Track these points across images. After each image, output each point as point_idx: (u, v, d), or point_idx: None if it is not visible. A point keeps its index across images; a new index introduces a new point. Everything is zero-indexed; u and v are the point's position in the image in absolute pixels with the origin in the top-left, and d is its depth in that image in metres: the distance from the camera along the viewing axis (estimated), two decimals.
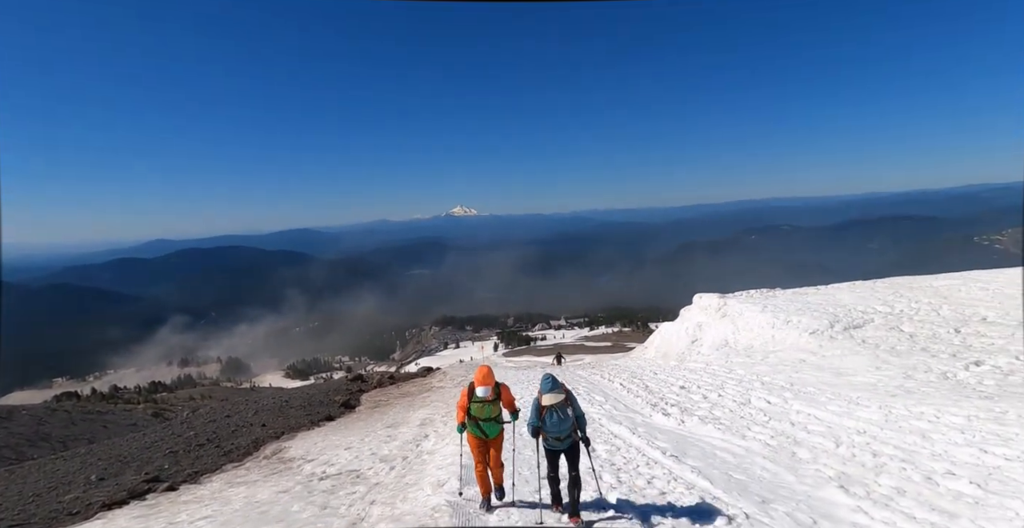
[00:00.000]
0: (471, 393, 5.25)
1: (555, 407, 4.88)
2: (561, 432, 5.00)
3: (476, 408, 5.24)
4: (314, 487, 8.05)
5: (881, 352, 11.87)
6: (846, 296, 17.83)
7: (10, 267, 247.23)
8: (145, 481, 10.18)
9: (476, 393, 5.15)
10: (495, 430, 5.35)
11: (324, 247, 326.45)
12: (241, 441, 13.17)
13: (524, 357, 60.73)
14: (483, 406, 5.23)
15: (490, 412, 5.27)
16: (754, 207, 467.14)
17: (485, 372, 5.23)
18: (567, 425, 4.97)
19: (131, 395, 51.79)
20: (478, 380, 5.16)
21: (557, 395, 4.84)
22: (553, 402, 4.83)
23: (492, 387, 5.22)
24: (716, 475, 6.18)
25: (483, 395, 5.14)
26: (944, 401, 7.95)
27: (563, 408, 4.94)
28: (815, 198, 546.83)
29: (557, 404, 4.88)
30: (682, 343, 20.32)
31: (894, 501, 5.08)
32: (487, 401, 5.22)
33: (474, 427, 5.32)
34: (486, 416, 5.27)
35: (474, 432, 5.34)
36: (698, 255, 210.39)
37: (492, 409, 5.27)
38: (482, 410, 5.25)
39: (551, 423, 4.94)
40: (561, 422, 4.94)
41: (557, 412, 4.93)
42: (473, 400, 5.24)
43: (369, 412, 16.05)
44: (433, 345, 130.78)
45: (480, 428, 5.31)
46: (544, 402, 4.89)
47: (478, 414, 5.28)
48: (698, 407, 10.03)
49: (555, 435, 5.01)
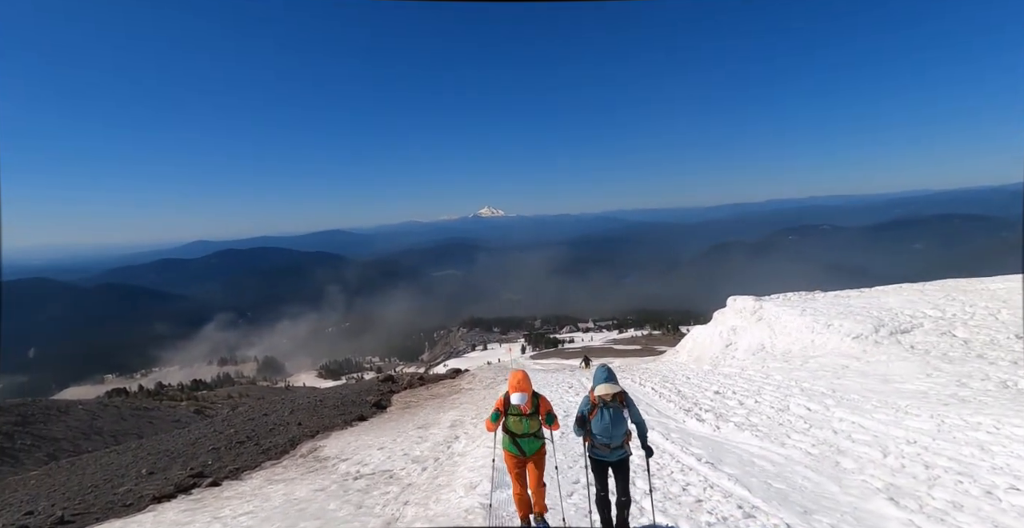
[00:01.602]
0: (506, 404, 4.64)
1: (608, 404, 4.28)
2: (612, 438, 4.34)
3: (513, 422, 4.66)
4: (349, 486, 8.20)
5: (932, 358, 11.30)
6: (892, 299, 17.05)
7: (61, 267, 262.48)
8: (191, 476, 10.60)
9: (512, 402, 4.51)
10: (535, 446, 4.71)
11: (356, 248, 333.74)
12: (278, 439, 13.56)
13: (551, 360, 60.48)
14: (520, 420, 4.63)
15: (528, 427, 4.66)
16: (792, 206, 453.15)
17: (520, 377, 4.60)
18: (620, 431, 4.34)
19: (175, 392, 54.03)
20: (512, 386, 4.54)
21: (612, 386, 4.22)
22: (607, 392, 4.19)
23: (530, 395, 4.58)
24: (755, 483, 5.99)
25: (519, 402, 4.48)
26: (1004, 411, 7.50)
27: (618, 409, 4.32)
28: (857, 196, 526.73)
29: (611, 401, 4.27)
30: (716, 347, 19.83)
31: (950, 516, 4.82)
32: (524, 414, 4.60)
33: (510, 444, 4.73)
34: (524, 431, 4.66)
35: (510, 449, 4.74)
36: (732, 256, 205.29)
37: (531, 424, 4.66)
38: (519, 424, 4.65)
39: (600, 424, 4.31)
40: (613, 425, 4.31)
41: (610, 411, 4.31)
42: (510, 412, 4.64)
43: (400, 413, 16.26)
44: (461, 347, 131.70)
45: (517, 445, 4.71)
46: (597, 392, 4.26)
47: (515, 429, 4.68)
48: (734, 413, 9.77)
49: (603, 440, 4.35)
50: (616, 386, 4.24)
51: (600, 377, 4.32)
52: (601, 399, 4.27)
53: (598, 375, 4.35)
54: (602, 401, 4.28)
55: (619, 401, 4.30)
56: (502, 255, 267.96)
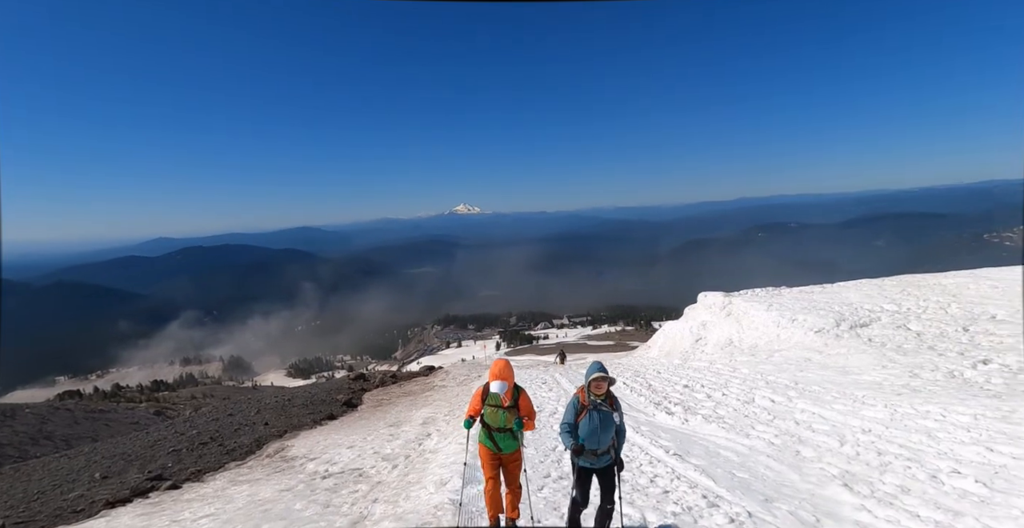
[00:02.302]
0: (485, 394, 4.50)
1: (599, 408, 4.03)
2: (600, 443, 4.07)
3: (490, 413, 4.47)
4: (317, 485, 8.04)
5: (888, 351, 11.78)
6: (853, 294, 17.71)
7: (12, 265, 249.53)
8: (148, 479, 10.21)
9: (491, 391, 4.38)
10: (511, 446, 4.49)
11: (328, 245, 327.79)
12: (244, 440, 13.20)
13: (526, 356, 60.71)
14: (497, 411, 4.44)
15: (505, 421, 4.45)
16: (761, 204, 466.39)
17: (503, 365, 4.51)
18: (608, 435, 4.08)
19: (133, 394, 52.04)
20: (494, 374, 4.43)
21: (605, 375, 4.07)
22: (599, 374, 4.02)
23: (511, 387, 4.45)
24: (719, 474, 6.14)
25: (498, 391, 4.34)
26: (951, 400, 7.87)
27: (608, 412, 4.07)
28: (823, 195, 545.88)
29: (601, 403, 4.04)
30: (686, 342, 20.24)
31: (898, 499, 5.04)
32: (503, 407, 4.42)
33: (486, 437, 4.52)
34: (500, 424, 4.46)
35: (486, 443, 4.52)
36: (704, 253, 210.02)
37: (507, 418, 4.44)
38: (496, 416, 4.45)
39: (589, 428, 4.05)
40: (601, 430, 4.04)
41: (600, 414, 4.04)
42: (488, 402, 4.48)
43: (371, 411, 16.05)
44: (435, 344, 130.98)
45: (493, 439, 4.49)
46: (591, 377, 4.06)
47: (492, 421, 4.49)
48: (702, 406, 9.98)
49: (591, 446, 4.08)
50: (607, 374, 4.12)
51: (593, 369, 4.20)
52: (592, 400, 4.06)
53: (591, 369, 4.22)
54: (592, 403, 4.05)
55: (610, 404, 4.10)
56: (478, 252, 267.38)
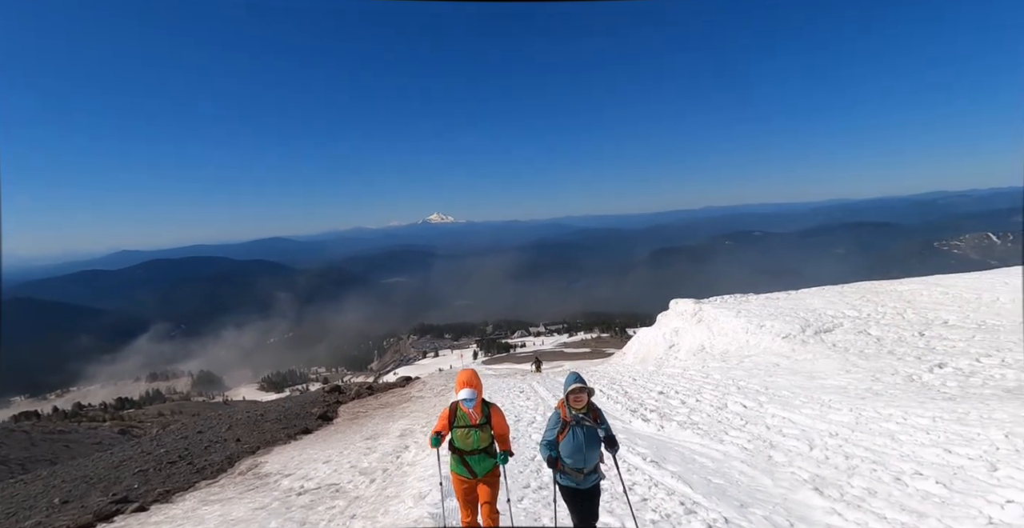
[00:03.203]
0: (453, 415, 4.07)
1: (581, 423, 3.70)
2: (586, 462, 3.71)
3: (460, 435, 4.03)
4: (292, 502, 7.87)
5: (851, 355, 12.25)
6: (816, 301, 18.37)
7: None
8: (113, 502, 9.79)
9: (460, 396, 4.00)
10: (486, 465, 4.06)
11: (299, 256, 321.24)
12: (215, 457, 12.80)
13: (504, 365, 60.56)
14: (468, 432, 4.01)
15: (478, 441, 4.01)
16: (728, 213, 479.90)
17: (469, 374, 4.18)
18: (594, 452, 3.73)
19: (96, 412, 49.70)
20: (461, 382, 4.07)
21: (583, 385, 3.75)
22: (577, 385, 3.70)
23: (479, 397, 4.10)
24: (696, 480, 6.28)
25: (468, 397, 3.98)
26: (910, 403, 8.25)
27: (592, 428, 3.72)
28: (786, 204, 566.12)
29: (584, 417, 3.72)
30: (660, 348, 20.59)
31: (866, 502, 5.24)
32: (473, 425, 4.00)
33: (458, 464, 4.06)
34: (473, 446, 4.01)
35: (458, 471, 4.07)
36: (675, 261, 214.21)
37: (480, 436, 4.02)
38: (467, 437, 4.01)
39: (573, 446, 3.69)
40: (587, 445, 3.69)
41: (583, 430, 3.69)
42: (456, 424, 4.04)
43: (348, 424, 15.77)
44: (412, 354, 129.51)
45: (466, 464, 4.03)
46: (568, 390, 3.73)
47: (463, 444, 4.03)
48: (676, 412, 10.17)
49: (575, 465, 3.72)
50: (590, 387, 3.81)
51: (570, 380, 3.89)
52: (574, 414, 3.72)
53: (569, 381, 3.90)
54: (574, 418, 3.71)
55: (593, 418, 3.77)
56: (453, 261, 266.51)
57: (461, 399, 3.99)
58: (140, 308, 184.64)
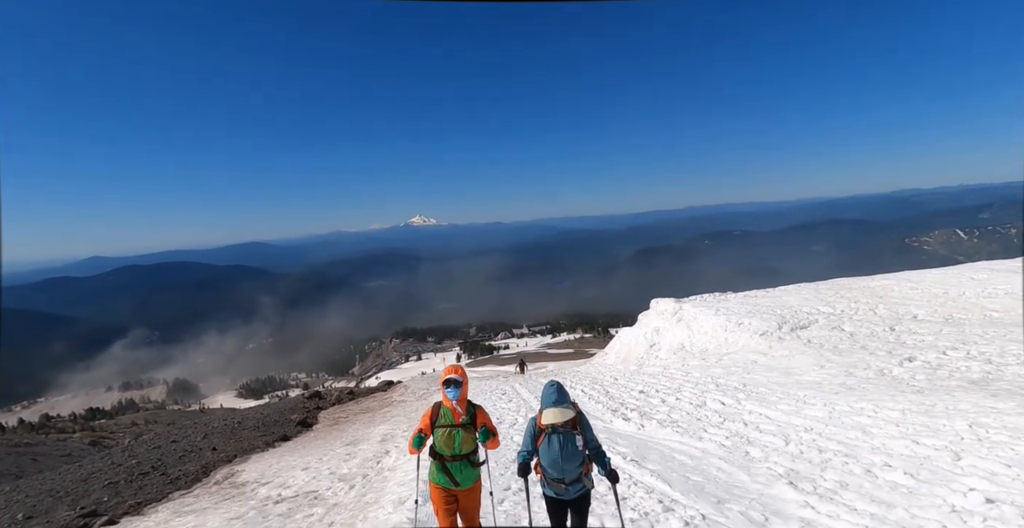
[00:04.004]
0: (436, 413, 3.83)
1: (559, 430, 3.43)
2: (566, 472, 3.45)
3: (442, 436, 3.76)
4: (269, 511, 7.71)
5: (825, 351, 12.52)
6: (792, 298, 18.73)
7: None
8: (80, 516, 9.46)
9: (444, 393, 3.79)
10: (469, 475, 3.79)
11: (278, 260, 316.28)
12: (189, 467, 12.47)
13: (487, 367, 60.40)
14: (451, 432, 3.75)
15: (460, 444, 3.75)
16: (709, 213, 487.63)
17: (455, 365, 4.03)
18: (574, 462, 3.46)
19: (65, 424, 48.08)
20: (448, 371, 3.87)
21: (565, 411, 3.40)
22: (557, 420, 3.37)
23: (465, 398, 3.87)
24: (675, 478, 6.33)
25: (452, 388, 3.76)
26: (882, 396, 8.46)
27: (570, 434, 3.45)
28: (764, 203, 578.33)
29: (563, 425, 3.42)
30: (641, 348, 20.76)
31: (838, 494, 5.35)
32: (456, 425, 3.75)
33: (439, 473, 3.78)
34: (455, 451, 3.75)
35: (438, 481, 3.79)
36: (656, 260, 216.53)
37: (464, 439, 3.75)
38: (450, 440, 3.75)
39: (550, 456, 3.44)
40: (566, 455, 3.42)
41: (560, 438, 3.43)
42: (438, 422, 3.78)
43: (328, 430, 15.53)
44: (394, 358, 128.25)
45: (447, 472, 3.76)
46: (544, 420, 3.43)
47: (444, 448, 3.76)
48: (657, 411, 10.26)
49: (554, 475, 3.48)
50: (569, 410, 3.43)
51: (548, 398, 3.50)
52: (550, 425, 3.48)
53: (546, 396, 3.53)
54: (551, 426, 3.47)
55: (572, 424, 3.50)
56: (436, 264, 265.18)
57: (445, 385, 3.78)
58: (113, 315, 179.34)
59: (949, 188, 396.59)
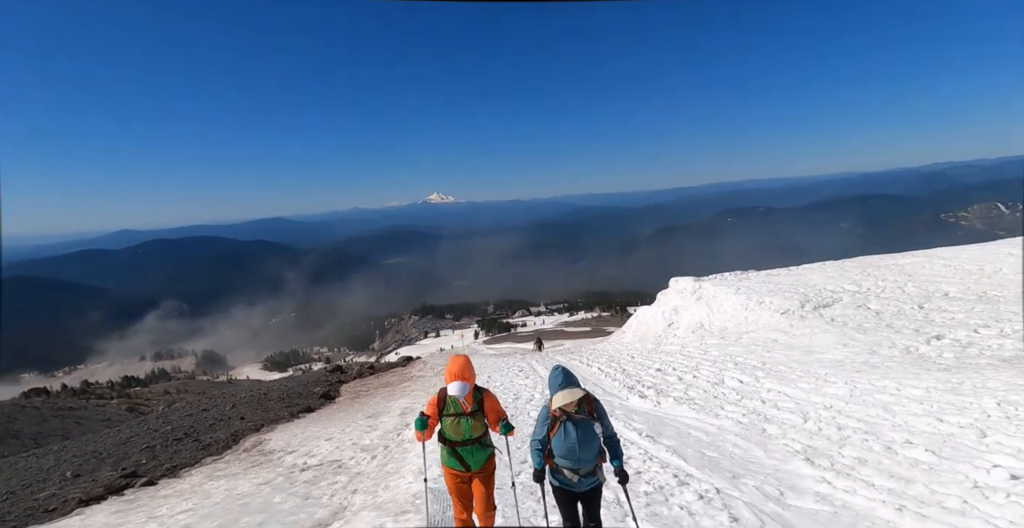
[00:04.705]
0: (442, 402, 3.69)
1: (574, 418, 3.21)
2: (581, 462, 3.26)
3: (450, 425, 3.65)
4: (296, 478, 8.05)
5: (849, 330, 12.30)
6: (816, 276, 18.35)
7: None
8: (122, 477, 10.04)
9: (450, 393, 3.59)
10: (480, 457, 3.73)
11: (300, 236, 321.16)
12: (220, 434, 13.06)
13: (505, 344, 61.12)
14: (459, 421, 3.64)
15: (469, 430, 3.65)
16: (731, 189, 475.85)
17: (462, 363, 3.71)
18: (591, 452, 3.26)
19: (103, 390, 50.54)
20: (452, 373, 3.62)
21: (574, 391, 3.17)
22: (568, 400, 3.15)
23: (472, 388, 3.67)
24: (690, 453, 6.38)
25: (458, 393, 3.56)
26: (906, 375, 8.31)
27: (587, 422, 3.24)
28: (790, 179, 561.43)
29: (577, 412, 3.21)
30: (659, 326, 20.69)
31: (856, 470, 5.33)
32: (464, 414, 3.64)
33: (449, 457, 3.70)
34: (465, 436, 3.65)
35: (450, 464, 3.72)
36: (676, 239, 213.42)
37: (473, 426, 3.66)
38: (457, 428, 3.64)
39: (566, 445, 3.24)
40: (581, 444, 3.22)
41: (576, 427, 3.22)
42: (446, 411, 3.67)
43: (349, 403, 16.01)
44: (413, 334, 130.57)
45: (458, 456, 3.68)
46: (555, 404, 3.20)
47: (453, 434, 3.66)
48: (673, 388, 10.28)
49: (571, 465, 3.29)
50: (578, 390, 3.20)
51: (556, 381, 3.28)
52: (562, 410, 3.22)
53: (553, 380, 3.31)
54: (564, 413, 3.23)
55: (588, 410, 3.26)
56: (454, 241, 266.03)
57: (451, 394, 3.60)
58: (144, 287, 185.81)
59: (987, 160, 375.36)
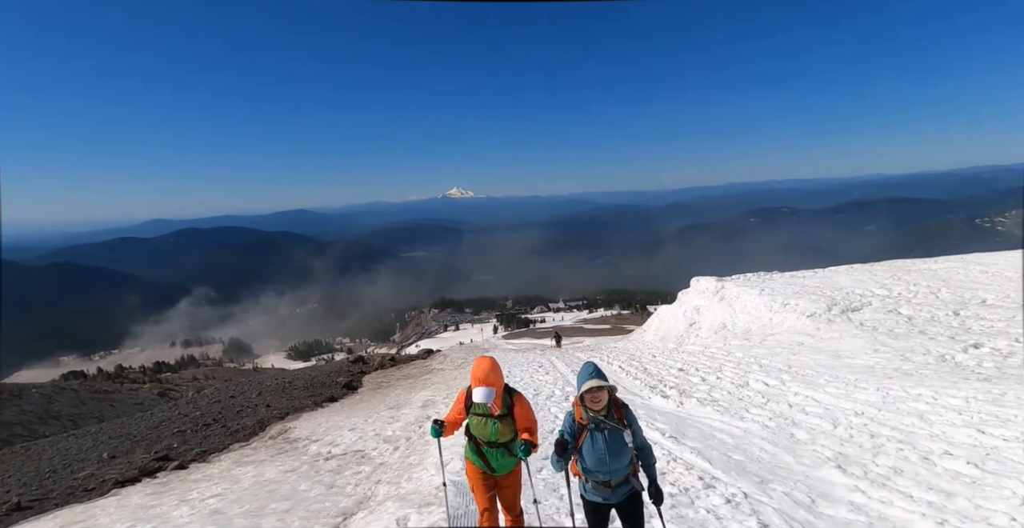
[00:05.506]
0: (469, 400, 3.45)
1: (603, 424, 2.97)
2: (613, 472, 2.98)
3: (477, 423, 3.45)
4: (320, 467, 8.21)
5: (879, 335, 11.95)
6: (844, 279, 17.86)
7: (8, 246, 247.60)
8: (155, 459, 10.40)
9: (475, 400, 3.30)
10: (507, 464, 3.47)
11: (323, 228, 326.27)
12: (247, 421, 13.39)
13: (523, 339, 61.20)
14: (486, 422, 3.41)
15: (496, 433, 3.40)
16: (753, 190, 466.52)
17: (487, 366, 3.35)
18: (622, 462, 2.98)
19: (136, 375, 52.32)
20: (477, 378, 3.29)
21: (600, 381, 2.96)
22: (594, 385, 2.93)
23: (500, 391, 3.37)
24: (715, 456, 6.29)
25: (484, 400, 3.26)
26: (942, 383, 8.04)
27: (616, 429, 2.98)
28: (815, 180, 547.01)
29: (606, 418, 2.98)
30: (680, 326, 20.42)
31: (891, 480, 5.19)
32: (493, 416, 3.40)
33: (474, 453, 3.49)
34: (491, 438, 3.42)
35: (474, 461, 3.50)
36: (698, 238, 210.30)
37: (500, 430, 3.39)
38: (484, 428, 3.42)
39: (596, 455, 2.96)
40: (611, 454, 2.95)
41: (604, 434, 2.97)
42: (473, 411, 3.46)
43: (371, 393, 16.25)
44: (433, 327, 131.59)
45: (483, 456, 3.46)
46: (583, 388, 2.96)
47: (480, 434, 3.44)
48: (696, 389, 10.16)
49: (601, 476, 3.00)
50: (604, 381, 2.99)
51: (586, 371, 3.07)
52: (591, 417, 2.99)
53: (584, 370, 3.10)
54: (593, 422, 2.99)
55: (618, 418, 3.04)
56: (474, 236, 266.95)
57: (476, 401, 3.31)
58: (174, 275, 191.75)
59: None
